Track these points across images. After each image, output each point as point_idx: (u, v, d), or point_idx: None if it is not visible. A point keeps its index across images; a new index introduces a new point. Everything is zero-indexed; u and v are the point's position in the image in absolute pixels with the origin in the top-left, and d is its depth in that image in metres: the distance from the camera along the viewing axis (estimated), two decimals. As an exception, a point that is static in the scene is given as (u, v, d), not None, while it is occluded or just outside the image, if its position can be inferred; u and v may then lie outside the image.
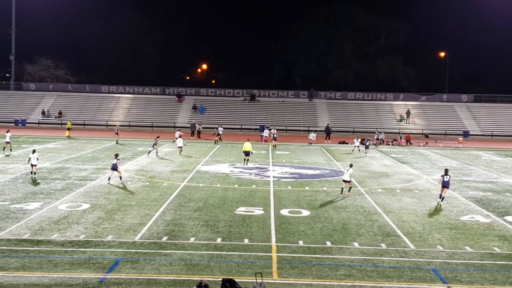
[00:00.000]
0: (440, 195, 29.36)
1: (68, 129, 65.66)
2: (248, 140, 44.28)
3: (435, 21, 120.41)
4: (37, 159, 34.79)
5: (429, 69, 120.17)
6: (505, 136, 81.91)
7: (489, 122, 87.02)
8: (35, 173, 34.58)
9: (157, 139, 48.61)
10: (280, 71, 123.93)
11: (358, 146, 55.18)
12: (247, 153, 42.87)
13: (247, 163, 42.72)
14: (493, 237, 22.37)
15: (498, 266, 18.78)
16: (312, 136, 63.07)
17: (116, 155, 34.28)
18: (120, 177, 33.70)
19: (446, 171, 29.93)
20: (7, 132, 47.20)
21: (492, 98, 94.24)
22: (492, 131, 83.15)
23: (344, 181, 30.73)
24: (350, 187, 31.10)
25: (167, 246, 20.05)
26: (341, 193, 30.76)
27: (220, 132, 62.88)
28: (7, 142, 46.18)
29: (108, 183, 32.68)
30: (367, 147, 53.28)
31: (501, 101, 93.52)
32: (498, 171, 42.74)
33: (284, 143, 61.64)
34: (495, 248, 20.82)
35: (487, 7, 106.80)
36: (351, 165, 31.53)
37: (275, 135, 58.83)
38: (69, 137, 62.84)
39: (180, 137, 51.91)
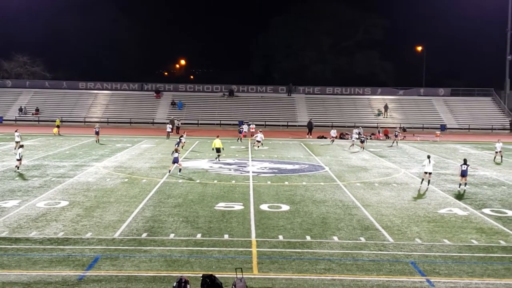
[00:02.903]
0: (460, 184, 31.92)
1: (57, 126, 65.04)
2: (217, 136, 43.85)
3: (412, 15, 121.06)
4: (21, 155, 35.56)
5: (407, 63, 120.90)
6: (481, 129, 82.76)
7: (466, 115, 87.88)
8: (18, 167, 35.07)
9: (181, 138, 47.33)
10: (259, 66, 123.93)
11: (354, 140, 54.46)
12: (218, 150, 42.56)
13: (219, 159, 42.41)
14: (471, 230, 22.60)
15: (476, 258, 18.98)
16: (333, 132, 61.23)
17: (176, 150, 36.38)
18: (180, 170, 35.68)
19: (465, 161, 32.32)
20: None
21: (468, 91, 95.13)
22: (469, 125, 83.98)
23: (426, 172, 31.80)
24: (429, 180, 32.04)
25: (147, 242, 20.00)
26: (421, 183, 32.21)
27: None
28: None
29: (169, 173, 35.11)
30: (362, 141, 52.52)
31: (478, 95, 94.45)
32: (475, 164, 43.16)
33: (265, 139, 61.63)
34: (472, 240, 21.04)
35: (464, 2, 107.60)
36: (429, 157, 32.39)
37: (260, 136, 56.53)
38: (58, 134, 62.36)
39: (184, 133, 51.43)
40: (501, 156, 45.47)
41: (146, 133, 68.79)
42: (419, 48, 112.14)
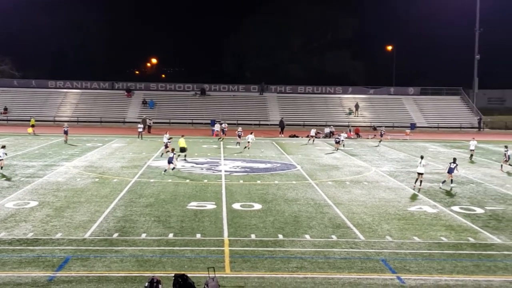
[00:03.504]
0: (451, 180, 32.17)
1: (32, 126, 64.11)
2: (182, 136, 43.54)
3: (382, 15, 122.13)
4: (5, 154, 36.00)
5: (377, 62, 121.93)
6: (450, 127, 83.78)
7: (435, 114, 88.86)
8: (1, 167, 34.98)
9: (169, 141, 45.29)
10: (230, 65, 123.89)
11: (343, 140, 53.50)
12: (182, 149, 42.27)
13: (185, 159, 42.13)
14: (440, 227, 22.88)
15: (446, 255, 19.23)
16: (313, 131, 60.60)
17: (173, 150, 36.78)
18: (173, 168, 35.73)
19: (455, 160, 32.67)
20: None
21: (437, 90, 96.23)
22: (438, 123, 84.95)
23: (419, 173, 31.47)
24: (421, 181, 31.70)
25: (118, 242, 19.88)
26: (415, 183, 31.90)
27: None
28: None
29: (163, 173, 35.22)
30: (338, 142, 51.41)
31: (447, 94, 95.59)
32: (445, 162, 43.61)
33: (235, 137, 61.64)
34: (442, 237, 21.31)
35: (434, 2, 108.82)
36: (422, 157, 32.22)
37: (240, 133, 56.09)
38: (34, 133, 61.52)
39: (166, 133, 50.40)
40: (472, 155, 45.95)
41: (117, 132, 68.31)
42: (389, 48, 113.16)
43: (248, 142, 49.36)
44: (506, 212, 25.99)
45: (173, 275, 15.37)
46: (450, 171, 31.96)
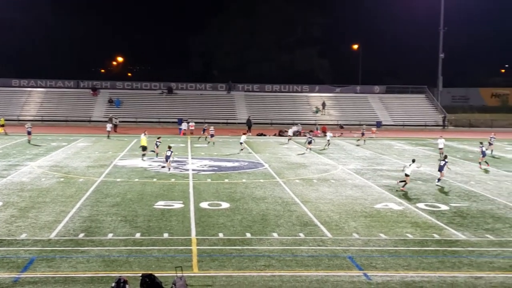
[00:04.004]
0: (438, 178, 32.79)
1: (2, 125, 62.79)
2: (144, 134, 43.20)
3: (349, 14, 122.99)
4: None
5: (344, 61, 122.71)
6: (415, 125, 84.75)
7: (400, 112, 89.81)
8: None
9: (158, 140, 43.55)
10: (198, 63, 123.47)
11: (329, 140, 53.01)
12: (143, 148, 41.81)
13: (143, 157, 41.70)
14: (406, 224, 23.14)
15: (411, 252, 19.45)
16: (291, 131, 60.63)
17: (169, 147, 36.47)
18: (169, 168, 35.79)
19: (445, 157, 33.49)
20: None
21: (403, 89, 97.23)
22: (403, 121, 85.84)
23: (406, 175, 31.12)
24: (406, 183, 31.16)
25: (84, 243, 19.69)
26: (398, 183, 31.70)
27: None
28: None
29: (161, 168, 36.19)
30: (310, 143, 49.07)
31: (412, 92, 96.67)
32: (410, 160, 44.08)
33: (204, 136, 61.49)
34: (408, 234, 21.55)
35: (399, 1, 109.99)
36: (413, 161, 32.13)
37: (212, 132, 55.02)
38: (5, 133, 60.30)
39: (145, 132, 49.46)
40: (441, 153, 46.32)
41: (83, 131, 67.61)
42: (355, 47, 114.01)
43: (241, 143, 48.66)
44: (471, 208, 26.39)
45: (140, 275, 15.29)
46: (441, 168, 32.54)
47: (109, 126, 60.68)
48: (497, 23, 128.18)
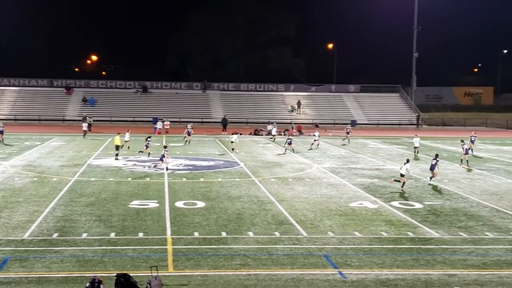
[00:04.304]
0: (431, 177, 32.91)
1: None
2: (118, 133, 42.86)
3: (324, 13, 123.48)
4: None
5: (319, 60, 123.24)
6: (390, 124, 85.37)
7: (375, 111, 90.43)
8: None
9: (149, 140, 43.65)
10: (173, 62, 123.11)
11: (317, 140, 51.82)
12: (117, 147, 41.52)
13: (116, 157, 41.39)
14: (380, 222, 23.30)
15: (386, 250, 19.60)
16: (274, 130, 60.54)
17: (165, 147, 36.60)
18: (167, 168, 35.67)
19: (437, 156, 33.64)
20: None
21: (377, 88, 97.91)
22: (377, 120, 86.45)
23: (401, 175, 30.89)
24: (404, 182, 30.97)
25: (58, 243, 19.52)
26: (392, 181, 31.58)
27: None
28: None
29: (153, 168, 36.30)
30: (290, 143, 47.50)
31: (386, 91, 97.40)
32: (384, 159, 44.52)
33: (179, 135, 61.35)
34: (382, 232, 21.70)
35: (374, 0, 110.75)
36: (408, 160, 31.80)
37: (190, 130, 54.03)
38: None
39: (128, 131, 48.88)
40: (417, 152, 46.52)
41: (57, 130, 66.98)
42: (330, 46, 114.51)
43: (232, 142, 47.81)
44: (444, 207, 26.65)
45: (115, 274, 15.21)
46: (432, 167, 32.64)
47: (85, 126, 60.11)
48: (470, 22, 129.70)
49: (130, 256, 18.26)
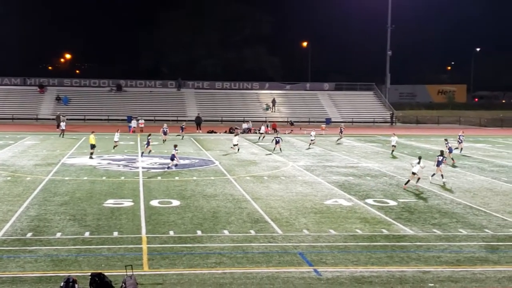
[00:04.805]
0: (441, 175, 32.44)
1: None
2: (92, 132, 42.49)
3: (299, 11, 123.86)
4: None
5: (293, 58, 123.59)
6: (364, 122, 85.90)
7: (349, 109, 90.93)
8: None
9: (149, 137, 43.10)
10: (147, 61, 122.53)
11: (313, 139, 51.06)
12: (92, 146, 41.16)
13: (90, 156, 41.02)
14: (355, 220, 23.43)
15: (360, 247, 19.72)
16: (263, 128, 60.02)
17: (175, 146, 36.91)
18: (176, 165, 35.86)
19: (442, 152, 33.43)
20: None
21: (351, 86, 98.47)
22: (352, 118, 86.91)
23: (413, 173, 30.78)
24: (419, 178, 30.95)
25: (32, 242, 19.33)
26: (405, 184, 31.05)
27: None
28: None
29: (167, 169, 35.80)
30: (278, 142, 46.68)
31: (360, 89, 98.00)
32: (359, 156, 44.79)
33: (154, 134, 61.01)
34: (357, 230, 21.83)
35: (348, 0, 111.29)
36: (420, 158, 31.56)
37: (166, 130, 53.79)
38: None
39: (118, 131, 48.20)
40: (393, 150, 46.70)
41: (30, 129, 66.29)
42: (305, 44, 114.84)
43: (235, 145, 46.09)
44: (418, 204, 26.89)
45: (89, 274, 15.12)
46: (439, 164, 32.48)
47: (63, 125, 58.96)
48: (444, 21, 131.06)
49: (105, 255, 18.15)
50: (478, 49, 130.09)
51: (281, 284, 16.01)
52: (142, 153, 42.32)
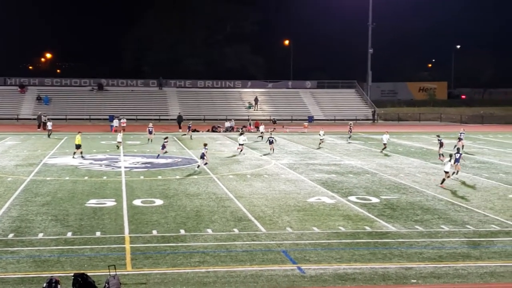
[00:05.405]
0: (457, 171, 32.90)
1: None
2: (79, 132, 42.17)
3: (281, 10, 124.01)
4: None
5: (275, 56, 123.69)
6: (346, 120, 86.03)
7: (331, 107, 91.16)
8: None
9: (166, 141, 41.49)
10: (129, 59, 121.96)
11: (322, 138, 50.50)
12: (77, 146, 40.84)
13: (74, 155, 40.58)
14: (338, 217, 23.52)
15: (344, 244, 19.79)
16: (262, 127, 58.90)
17: (205, 145, 36.71)
18: (205, 163, 35.83)
19: (458, 149, 33.91)
20: None
21: (333, 84, 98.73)
22: (334, 116, 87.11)
23: (445, 172, 30.62)
24: (448, 177, 30.78)
25: (14, 243, 19.18)
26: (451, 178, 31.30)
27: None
28: None
29: (197, 168, 35.50)
30: (271, 142, 45.12)
31: (342, 87, 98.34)
32: (341, 154, 44.93)
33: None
34: (340, 227, 21.91)
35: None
36: (451, 156, 31.51)
37: (151, 129, 52.94)
38: None
39: (121, 132, 47.48)
40: (384, 148, 46.63)
41: (11, 129, 65.71)
42: (287, 42, 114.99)
43: (241, 144, 44.20)
44: (400, 201, 27.04)
45: (72, 274, 15.04)
46: (456, 161, 32.51)
47: (49, 125, 58.15)
48: (424, 18, 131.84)
49: (88, 256, 18.07)
50: (458, 46, 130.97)
51: (265, 282, 16.03)
52: (158, 155, 41.04)
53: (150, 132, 52.51)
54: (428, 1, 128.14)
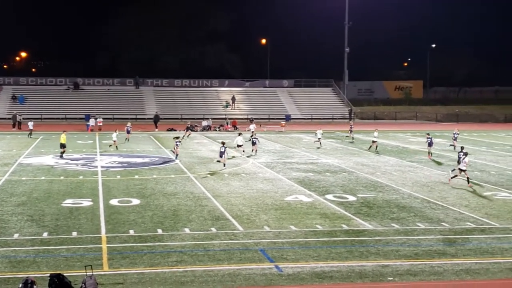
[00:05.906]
0: (454, 169, 32.60)
1: None
2: (64, 131, 41.82)
3: (257, 8, 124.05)
4: None
5: (252, 55, 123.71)
6: (323, 118, 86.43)
7: (308, 106, 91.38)
8: None
9: (177, 141, 40.07)
10: (105, 58, 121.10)
11: (320, 139, 49.80)
12: (62, 145, 40.55)
13: (62, 155, 40.35)
14: (315, 215, 23.61)
15: (321, 242, 19.88)
16: (253, 126, 55.78)
17: (223, 143, 36.66)
18: (224, 164, 35.92)
19: (462, 148, 33.92)
20: None
21: (310, 83, 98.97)
22: (311, 115, 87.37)
23: (460, 170, 30.53)
24: (467, 178, 30.63)
25: (-11, 244, 19.00)
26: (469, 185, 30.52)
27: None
28: None
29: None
30: (254, 143, 43.65)
31: (319, 86, 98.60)
32: (318, 152, 45.09)
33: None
34: (317, 225, 22.00)
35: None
36: (466, 154, 31.34)
37: (129, 128, 52.71)
38: None
39: (116, 131, 47.08)
40: (376, 146, 46.64)
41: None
42: (264, 41, 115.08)
43: (240, 145, 42.16)
44: (377, 199, 27.22)
45: (48, 275, 14.94)
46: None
47: (30, 124, 57.24)
48: (399, 18, 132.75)
49: (64, 256, 17.94)
50: (433, 45, 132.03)
51: (243, 281, 16.04)
52: (176, 155, 40.23)
53: (128, 132, 52.27)
54: (403, 0, 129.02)
